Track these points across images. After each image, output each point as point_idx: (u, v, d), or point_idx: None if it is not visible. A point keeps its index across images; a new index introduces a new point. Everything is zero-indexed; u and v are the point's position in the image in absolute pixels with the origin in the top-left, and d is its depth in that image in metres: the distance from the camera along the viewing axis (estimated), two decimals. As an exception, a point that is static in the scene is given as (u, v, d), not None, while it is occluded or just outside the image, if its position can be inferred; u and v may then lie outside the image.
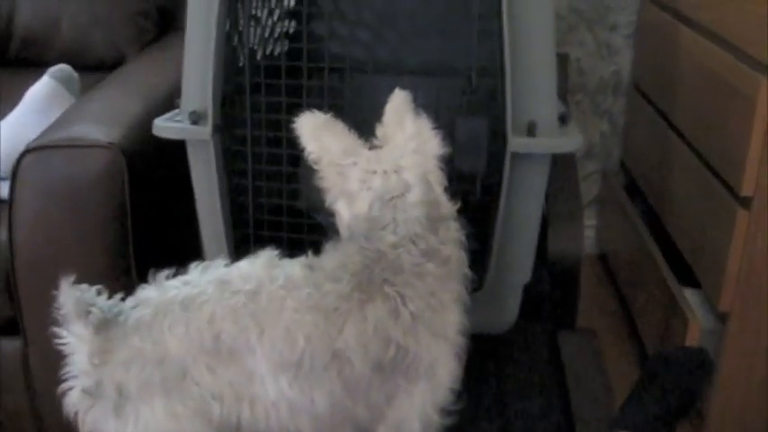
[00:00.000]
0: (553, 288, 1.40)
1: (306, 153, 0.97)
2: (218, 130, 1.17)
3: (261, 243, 1.23)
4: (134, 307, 0.93)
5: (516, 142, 1.11)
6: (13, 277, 1.33)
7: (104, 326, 0.92)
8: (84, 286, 0.93)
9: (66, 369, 0.95)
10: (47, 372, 1.36)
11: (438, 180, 0.99)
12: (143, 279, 1.37)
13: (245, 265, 0.96)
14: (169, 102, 1.50)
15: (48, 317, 1.35)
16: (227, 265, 0.97)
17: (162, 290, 0.95)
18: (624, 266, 2.01)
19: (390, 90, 1.00)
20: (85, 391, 0.93)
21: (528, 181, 1.16)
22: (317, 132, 0.97)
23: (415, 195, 0.95)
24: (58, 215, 1.30)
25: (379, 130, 1.00)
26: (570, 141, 1.12)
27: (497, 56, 1.12)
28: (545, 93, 1.12)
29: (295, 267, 0.94)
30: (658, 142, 1.82)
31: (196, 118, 1.16)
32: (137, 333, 0.91)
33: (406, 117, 0.99)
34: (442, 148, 0.99)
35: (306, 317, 0.90)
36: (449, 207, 0.99)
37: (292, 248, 1.22)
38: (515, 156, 1.12)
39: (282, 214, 1.21)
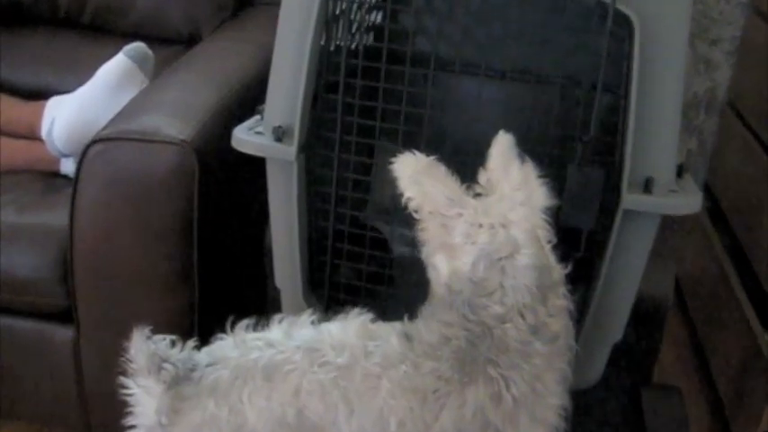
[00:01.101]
0: (636, 335, 1.30)
1: (404, 199, 0.88)
2: (304, 149, 1.08)
3: (337, 273, 1.16)
4: (210, 365, 0.86)
5: (631, 199, 1.00)
6: (70, 267, 1.30)
7: (177, 382, 0.85)
8: (159, 338, 0.87)
9: (129, 418, 0.88)
10: (98, 363, 1.38)
11: (545, 237, 0.90)
12: (203, 289, 1.35)
13: (336, 330, 0.88)
14: (246, 92, 1.44)
15: (102, 310, 1.36)
16: (314, 324, 0.88)
17: (242, 348, 0.87)
18: (699, 295, 1.90)
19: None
20: None
21: (636, 238, 1.06)
22: (418, 177, 0.87)
23: (525, 258, 0.86)
24: (122, 210, 1.27)
25: (483, 177, 0.91)
26: (690, 201, 1.01)
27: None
28: (668, 146, 1.02)
29: (391, 337, 0.86)
30: (751, 168, 1.70)
31: (280, 134, 1.07)
32: (212, 396, 0.84)
33: (513, 163, 0.90)
34: (549, 200, 0.90)
35: (401, 400, 0.82)
36: (559, 271, 0.90)
37: (369, 281, 1.16)
38: (626, 212, 1.02)
39: (364, 245, 1.12)
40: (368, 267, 1.10)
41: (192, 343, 0.91)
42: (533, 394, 0.85)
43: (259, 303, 1.64)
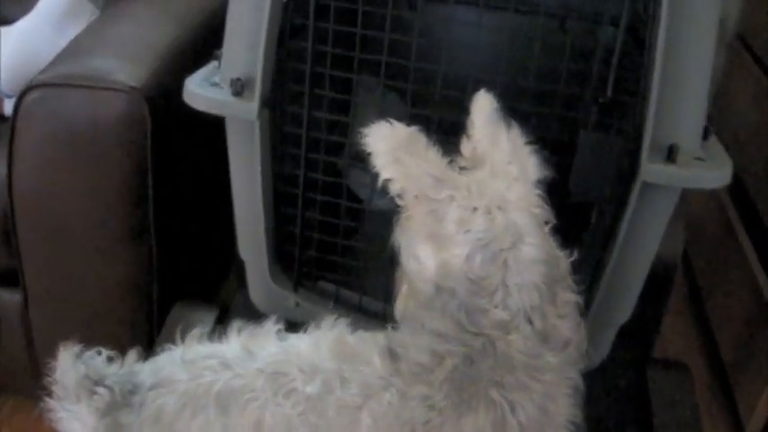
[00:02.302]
0: (639, 303, 1.16)
1: (381, 181, 0.72)
2: (268, 105, 0.91)
3: (308, 247, 1.02)
4: (154, 387, 0.71)
5: (652, 170, 0.85)
6: (12, 226, 1.20)
7: (113, 409, 0.70)
8: (91, 354, 0.72)
9: None
10: (48, 328, 1.29)
11: (544, 218, 0.74)
12: (162, 253, 1.22)
13: (306, 348, 0.72)
14: (210, 28, 1.27)
15: (50, 272, 1.24)
16: (279, 333, 0.74)
17: (192, 370, 0.71)
18: (701, 245, 1.78)
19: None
20: None
21: (654, 213, 0.91)
22: (397, 154, 0.71)
23: (531, 249, 0.70)
24: (65, 165, 1.14)
25: (467, 147, 0.75)
26: (719, 174, 0.86)
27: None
28: (697, 105, 0.86)
29: (373, 357, 0.71)
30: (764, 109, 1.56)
31: (239, 88, 0.90)
32: (155, 427, 0.69)
33: (501, 130, 0.74)
34: (542, 172, 0.75)
35: None
36: (564, 259, 0.75)
37: (345, 255, 1.01)
38: (645, 184, 0.87)
39: (339, 216, 0.97)
40: (343, 241, 0.95)
41: (133, 355, 0.76)
42: (544, 416, 0.72)
43: (227, 270, 1.51)
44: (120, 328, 1.29)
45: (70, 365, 0.70)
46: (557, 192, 0.82)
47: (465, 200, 0.71)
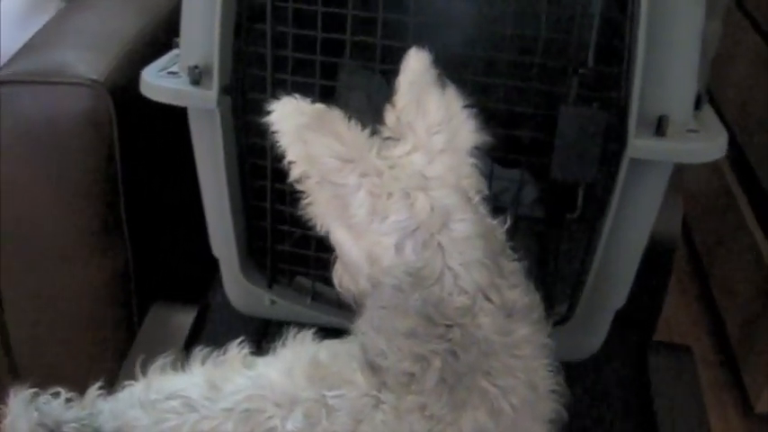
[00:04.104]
0: (638, 283, 1.10)
1: (285, 164, 0.65)
2: (228, 93, 0.85)
3: (281, 239, 0.96)
4: None
5: (640, 145, 0.79)
6: None
7: None
8: (46, 398, 0.65)
9: None
10: (26, 335, 1.27)
11: (474, 188, 0.68)
12: (137, 252, 1.17)
13: (278, 377, 0.65)
14: (176, 20, 1.21)
15: (22, 278, 1.19)
16: (245, 360, 0.67)
17: (153, 414, 0.64)
18: (703, 220, 1.72)
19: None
20: None
21: (645, 191, 0.85)
22: (303, 133, 0.63)
23: (462, 225, 0.64)
24: (29, 164, 1.10)
25: (390, 117, 0.68)
26: (714, 145, 0.80)
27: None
28: (687, 72, 0.79)
29: (353, 375, 0.64)
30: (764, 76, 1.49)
31: (197, 76, 0.84)
32: None
33: (429, 94, 0.67)
34: (478, 138, 0.68)
35: None
36: (499, 228, 0.69)
37: (320, 249, 0.95)
38: (634, 161, 0.81)
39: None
40: (318, 234, 0.89)
41: (95, 392, 0.69)
42: (533, 392, 0.67)
43: (210, 267, 1.46)
44: (98, 331, 1.25)
45: (22, 411, 0.63)
46: (540, 173, 0.76)
47: (376, 186, 0.63)
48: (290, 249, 0.95)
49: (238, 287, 1.01)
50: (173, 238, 1.30)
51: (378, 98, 0.68)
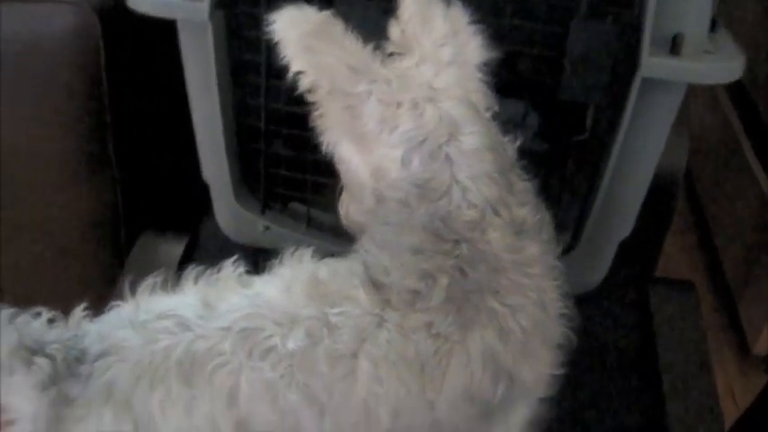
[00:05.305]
0: (640, 218, 1.07)
1: (291, 76, 0.63)
2: (222, 5, 0.81)
3: (276, 164, 0.93)
4: (101, 357, 0.59)
5: (654, 64, 0.75)
6: None
7: (57, 379, 0.58)
8: (26, 318, 0.60)
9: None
10: (14, 265, 1.21)
11: (484, 104, 0.67)
12: (126, 182, 1.13)
13: (277, 295, 0.61)
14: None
15: (8, 207, 1.15)
16: (241, 278, 0.63)
17: (145, 334, 0.60)
18: (704, 159, 1.70)
19: None
20: None
21: (656, 114, 0.82)
22: (309, 42, 0.62)
23: (472, 138, 0.63)
24: (11, 89, 1.05)
25: (395, 30, 0.66)
26: (730, 66, 0.77)
27: None
28: (703, -10, 0.76)
29: (356, 292, 0.61)
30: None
31: (189, -14, 0.80)
32: (108, 404, 0.58)
33: (434, 8, 0.66)
34: (486, 54, 0.67)
35: (390, 382, 0.59)
36: (510, 146, 0.68)
37: (316, 172, 0.92)
38: (646, 81, 0.77)
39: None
40: (313, 156, 0.85)
41: (79, 314, 0.63)
42: (543, 313, 0.65)
43: (200, 199, 1.43)
44: (87, 264, 1.22)
45: (4, 332, 0.58)
46: (547, 92, 0.73)
47: (386, 94, 0.63)
48: (285, 173, 0.92)
49: (230, 213, 0.97)
50: (162, 165, 1.26)
51: (374, 30, 0.65)
